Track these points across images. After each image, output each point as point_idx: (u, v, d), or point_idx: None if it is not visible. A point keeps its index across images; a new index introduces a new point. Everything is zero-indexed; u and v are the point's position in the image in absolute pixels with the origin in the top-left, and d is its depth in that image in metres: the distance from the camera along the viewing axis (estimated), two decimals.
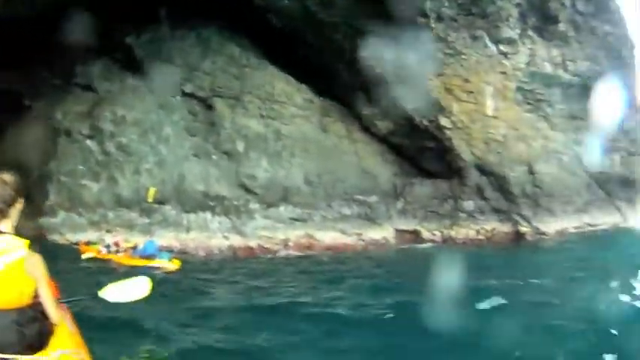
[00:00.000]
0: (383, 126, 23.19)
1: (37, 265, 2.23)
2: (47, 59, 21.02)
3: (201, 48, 21.99)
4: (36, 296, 2.24)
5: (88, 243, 17.66)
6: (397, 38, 22.02)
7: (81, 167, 20.42)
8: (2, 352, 1.99)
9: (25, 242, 2.19)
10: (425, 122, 22.23)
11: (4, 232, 2.23)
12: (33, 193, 19.02)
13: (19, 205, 2.33)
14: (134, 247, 16.55)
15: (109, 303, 3.23)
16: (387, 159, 23.56)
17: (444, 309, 7.07)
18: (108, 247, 16.53)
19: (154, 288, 3.39)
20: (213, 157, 20.97)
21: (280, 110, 21.82)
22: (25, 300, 2.18)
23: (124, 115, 20.73)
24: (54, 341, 2.26)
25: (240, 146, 21.03)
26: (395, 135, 23.36)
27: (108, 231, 18.59)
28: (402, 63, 21.83)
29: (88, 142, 20.66)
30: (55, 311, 2.32)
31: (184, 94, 21.46)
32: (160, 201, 20.17)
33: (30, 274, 2.17)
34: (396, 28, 22.06)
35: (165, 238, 19.04)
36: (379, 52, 21.85)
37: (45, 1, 18.83)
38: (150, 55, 21.42)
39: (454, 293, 8.19)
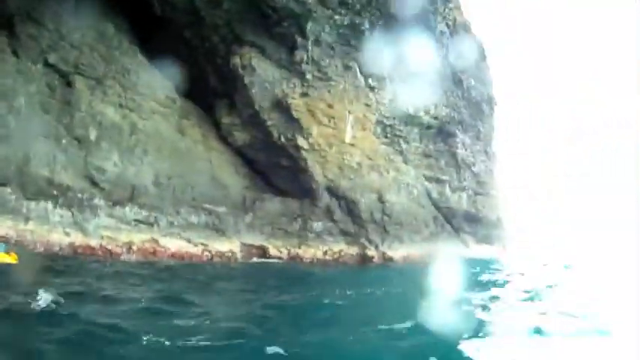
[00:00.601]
0: (240, 137, 23.74)
1: None
2: None
3: (76, 17, 20.88)
4: None
5: None
6: (272, 53, 22.91)
7: None
8: None
9: None
10: (283, 139, 23.03)
11: None
12: None
13: None
14: None
15: None
16: (239, 171, 24.00)
17: None
18: None
19: None
20: (63, 140, 19.95)
21: (141, 103, 21.63)
22: None
23: None
24: None
25: (93, 134, 20.39)
26: (251, 148, 23.96)
27: None
28: (271, 78, 22.68)
29: None
30: None
31: (46, 64, 20.25)
32: (1, 182, 18.25)
33: None
34: (273, 42, 22.96)
35: (1, 227, 17.37)
36: (251, 64, 22.56)
37: None
38: (22, 11, 20.01)
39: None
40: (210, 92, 23.70)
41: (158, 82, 22.36)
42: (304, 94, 22.96)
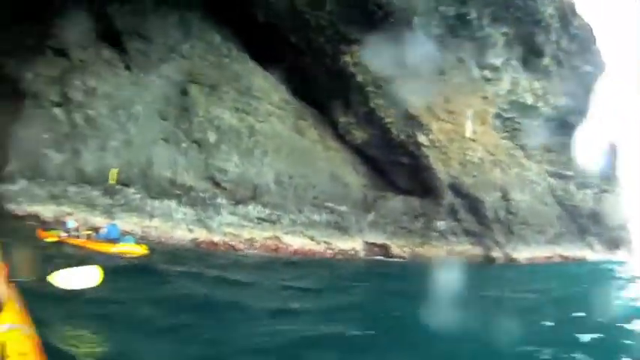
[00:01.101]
0: (358, 136, 22.92)
1: None
2: (22, 17, 19.93)
3: (183, 30, 21.35)
4: None
5: (46, 228, 16.35)
6: (382, 50, 22.07)
7: (45, 135, 19.30)
8: None
9: None
10: (402, 137, 22.01)
11: None
12: None
13: None
14: (96, 231, 15.52)
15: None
16: (358, 170, 23.17)
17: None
18: (68, 231, 15.37)
19: (104, 277, 3.44)
20: (183, 144, 20.07)
21: (256, 106, 21.29)
22: None
23: (95, 87, 19.79)
24: (1, 316, 2.32)
25: (212, 137, 20.26)
26: (369, 146, 23.05)
27: (69, 214, 17.46)
28: (385, 75, 21.77)
29: (56, 109, 19.63)
30: (4, 288, 2.43)
31: (160, 75, 20.67)
32: (125, 183, 19.21)
33: None
34: (381, 40, 22.17)
35: (127, 223, 18.02)
36: (363, 62, 21.80)
37: None
38: (130, 29, 20.68)
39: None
40: (324, 93, 23.03)
41: (271, 86, 22.02)
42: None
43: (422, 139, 21.74)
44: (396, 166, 23.09)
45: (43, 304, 3.62)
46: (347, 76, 22.00)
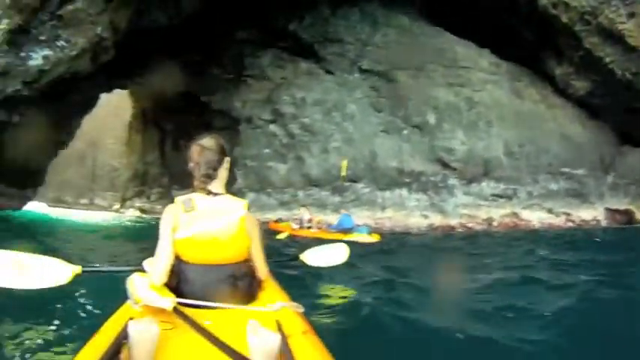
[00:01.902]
0: (579, 86, 20.21)
1: (254, 224, 2.33)
2: (215, 58, 21.49)
3: (368, 23, 20.95)
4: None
5: (277, 220, 16.54)
6: None
7: (266, 150, 19.82)
8: (217, 302, 2.05)
9: (245, 203, 2.31)
10: (628, 76, 19.03)
11: (219, 193, 2.31)
12: None
13: (226, 165, 2.38)
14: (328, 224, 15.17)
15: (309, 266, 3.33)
16: (586, 125, 20.45)
17: None
18: (300, 222, 15.22)
19: (350, 255, 3.43)
20: (404, 131, 19.22)
21: (467, 76, 19.86)
22: (242, 256, 2.28)
23: (304, 97, 19.92)
24: (263, 295, 2.33)
25: (432, 118, 19.13)
26: (594, 96, 20.20)
27: (303, 206, 17.16)
28: (593, 5, 19.10)
29: (271, 126, 20.02)
30: (264, 267, 2.41)
31: (362, 71, 20.29)
32: (352, 179, 18.80)
33: (248, 233, 2.26)
34: None
35: (360, 217, 17.29)
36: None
37: (190, 4, 18.99)
38: (317, 38, 20.82)
39: None
40: (530, 47, 20.89)
41: (475, 52, 20.55)
42: (631, 15, 18.80)
43: None
44: (630, 113, 20.07)
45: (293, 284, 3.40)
46: (549, 20, 19.72)
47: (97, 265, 2.56)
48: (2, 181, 21.20)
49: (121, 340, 1.78)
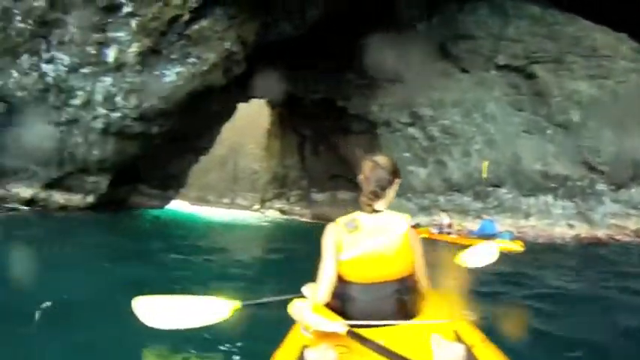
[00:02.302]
0: None
1: (415, 237, 2.29)
2: (348, 64, 21.77)
3: (499, 15, 20.43)
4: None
5: (415, 225, 16.93)
6: None
7: (406, 154, 20.42)
8: (383, 320, 2.03)
9: (407, 216, 2.25)
10: None
11: (379, 211, 2.25)
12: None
13: (395, 186, 2.34)
14: (469, 230, 15.51)
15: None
16: None
17: None
18: (440, 227, 15.52)
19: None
20: (548, 131, 18.92)
21: (609, 66, 19.09)
22: (407, 271, 2.23)
23: (442, 99, 20.13)
24: (428, 307, 2.26)
25: (576, 115, 18.65)
26: None
27: (443, 211, 17.83)
28: None
29: (410, 129, 20.51)
30: (427, 280, 2.38)
31: (498, 67, 20.03)
32: (494, 183, 18.99)
33: (412, 247, 2.22)
34: None
35: (502, 225, 16.98)
36: None
37: (315, 12, 19.33)
38: (447, 36, 20.68)
39: None
40: None
41: (613, 38, 19.51)
42: None
43: None
44: None
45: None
46: None
47: (254, 300, 2.77)
48: (145, 183, 23.21)
49: None
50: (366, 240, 2.15)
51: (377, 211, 2.24)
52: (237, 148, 46.36)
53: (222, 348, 3.64)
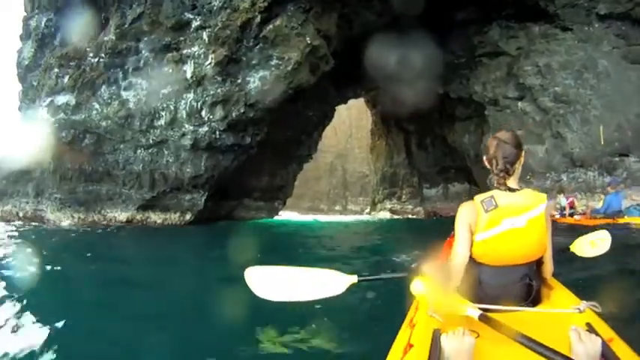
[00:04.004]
0: None
1: (549, 219, 2.13)
2: (441, 45, 20.56)
3: None
4: None
5: None
6: None
7: (519, 132, 18.70)
8: (510, 305, 1.92)
9: (545, 196, 2.09)
10: None
11: (518, 189, 2.11)
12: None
13: (522, 159, 2.19)
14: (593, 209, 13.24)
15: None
16: None
17: None
18: (562, 210, 13.98)
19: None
20: None
21: None
22: (540, 254, 2.12)
23: (548, 63, 18.30)
24: (552, 295, 2.16)
25: None
26: None
27: (559, 192, 16.22)
28: None
29: (519, 104, 19.01)
30: (552, 266, 2.24)
31: (601, 17, 17.49)
32: (621, 152, 16.80)
33: (547, 228, 2.09)
34: None
35: (634, 200, 15.06)
36: None
37: None
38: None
39: None
40: None
41: None
42: None
43: None
44: None
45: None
46: None
47: (370, 275, 2.58)
48: (251, 197, 23.57)
49: (436, 355, 1.69)
50: (504, 219, 2.03)
51: (512, 190, 2.11)
52: (344, 154, 46.99)
53: (338, 323, 3.56)
